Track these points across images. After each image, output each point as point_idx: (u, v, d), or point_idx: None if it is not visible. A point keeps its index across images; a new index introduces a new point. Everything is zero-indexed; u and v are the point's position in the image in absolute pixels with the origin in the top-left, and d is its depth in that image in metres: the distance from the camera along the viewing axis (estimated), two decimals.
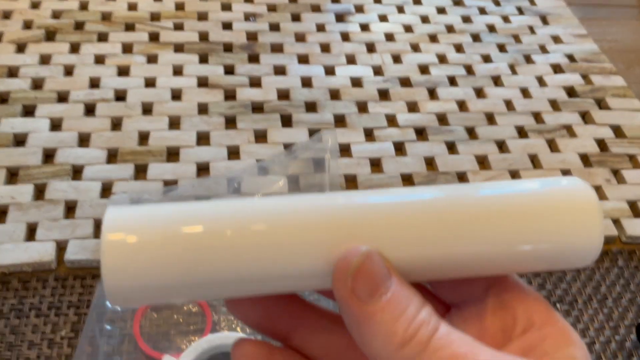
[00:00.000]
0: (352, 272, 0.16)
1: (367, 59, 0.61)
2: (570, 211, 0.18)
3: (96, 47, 0.58)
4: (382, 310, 0.16)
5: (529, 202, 0.18)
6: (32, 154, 0.48)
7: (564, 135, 0.56)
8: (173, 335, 0.39)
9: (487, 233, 0.18)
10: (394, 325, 0.16)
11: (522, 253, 0.18)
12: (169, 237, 0.17)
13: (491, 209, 0.18)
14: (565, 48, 0.66)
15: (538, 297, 0.19)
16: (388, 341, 0.16)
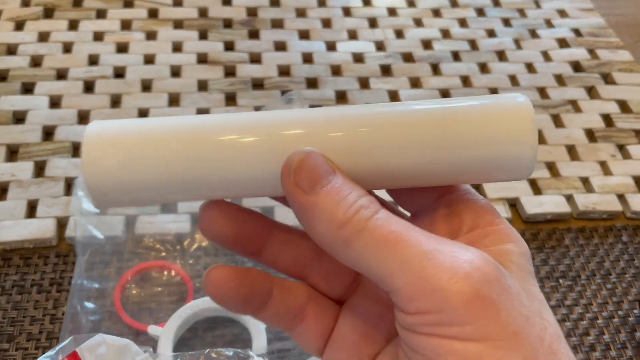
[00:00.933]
0: (294, 167, 0.18)
1: (369, 34, 0.60)
2: (504, 120, 0.19)
3: (95, 24, 0.58)
4: (324, 199, 0.18)
5: (467, 113, 0.19)
6: (32, 131, 0.48)
7: (569, 111, 0.55)
8: (156, 307, 0.39)
9: (423, 140, 0.19)
10: (334, 209, 0.18)
11: (458, 160, 0.19)
12: (143, 140, 0.19)
13: (428, 119, 0.19)
14: (571, 22, 0.65)
15: (485, 205, 0.20)
16: (329, 224, 0.18)
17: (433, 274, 0.17)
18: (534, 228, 0.46)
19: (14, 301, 0.39)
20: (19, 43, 0.55)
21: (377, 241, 0.17)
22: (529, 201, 0.47)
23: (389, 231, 0.17)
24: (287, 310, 0.22)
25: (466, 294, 0.16)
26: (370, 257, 0.17)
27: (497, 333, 0.16)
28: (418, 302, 0.17)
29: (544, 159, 0.50)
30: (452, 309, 0.16)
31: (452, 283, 0.16)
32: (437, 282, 0.16)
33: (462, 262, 0.17)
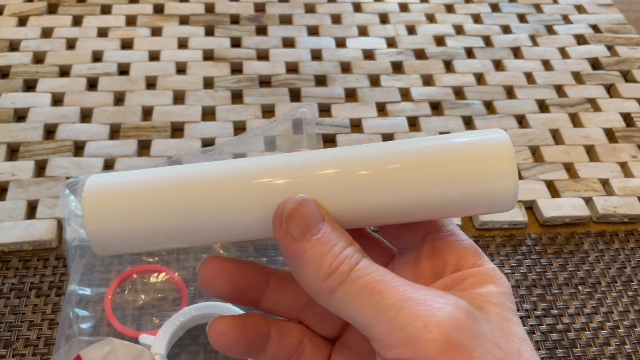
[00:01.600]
0: (286, 215, 0.19)
1: (380, 30, 0.58)
2: (486, 158, 0.20)
3: (99, 19, 0.57)
4: (312, 247, 0.19)
5: (450, 153, 0.20)
6: (33, 129, 0.47)
7: (587, 109, 0.53)
8: (149, 313, 0.37)
9: (409, 180, 0.20)
10: (321, 260, 0.19)
11: (442, 198, 0.20)
12: (138, 193, 0.20)
13: (412, 159, 0.20)
14: (589, 18, 0.63)
15: (469, 246, 0.21)
16: (316, 273, 0.19)
17: (408, 324, 0.17)
18: (552, 232, 0.45)
19: (12, 305, 0.38)
20: (22, 39, 0.54)
21: (357, 291, 0.18)
22: (547, 204, 0.45)
23: (367, 282, 0.18)
24: (285, 351, 0.23)
25: (439, 341, 0.17)
26: (351, 307, 0.18)
27: None
28: (396, 351, 0.17)
29: (561, 159, 0.48)
30: (427, 357, 0.17)
31: (425, 332, 0.17)
32: (412, 331, 0.17)
33: (435, 310, 0.17)
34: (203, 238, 0.21)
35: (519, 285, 0.41)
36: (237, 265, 0.22)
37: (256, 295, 0.23)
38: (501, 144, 0.20)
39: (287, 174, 0.20)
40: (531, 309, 0.40)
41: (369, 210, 0.20)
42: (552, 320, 0.40)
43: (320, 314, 0.23)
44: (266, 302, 0.23)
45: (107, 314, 0.37)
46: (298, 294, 0.23)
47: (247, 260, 0.23)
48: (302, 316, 0.24)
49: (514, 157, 0.20)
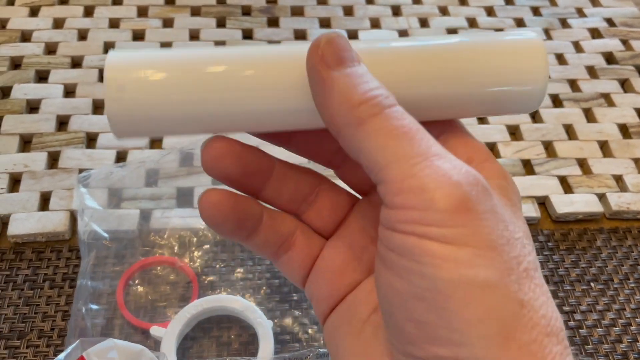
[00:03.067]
0: (325, 40, 0.18)
1: (392, 22, 0.58)
2: (517, 51, 0.20)
3: (110, 10, 0.56)
4: (345, 77, 0.18)
5: (484, 48, 0.20)
6: (46, 120, 0.47)
7: (601, 105, 0.52)
8: (160, 306, 0.38)
9: (442, 74, 0.20)
10: (354, 88, 0.18)
11: (473, 93, 0.20)
12: (166, 66, 0.19)
13: (444, 52, 0.20)
14: (604, 11, 0.62)
15: (481, 145, 0.21)
16: (347, 99, 0.18)
17: (427, 174, 0.17)
18: (564, 228, 0.44)
19: (26, 296, 0.38)
20: (34, 29, 0.54)
21: (387, 129, 0.17)
22: (560, 200, 0.45)
23: (401, 124, 0.18)
24: (276, 237, 0.22)
25: (453, 198, 0.17)
26: (374, 142, 0.17)
27: (476, 243, 0.17)
28: (404, 196, 0.17)
29: (574, 155, 0.48)
30: (436, 209, 0.17)
31: (442, 185, 0.17)
32: (429, 182, 0.17)
33: (458, 171, 0.17)
34: (229, 123, 0.20)
35: None
36: (244, 148, 0.21)
37: (260, 183, 0.22)
38: (533, 41, 0.20)
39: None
40: None
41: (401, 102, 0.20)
42: (564, 317, 0.40)
43: (320, 206, 0.23)
44: (269, 191, 0.22)
45: (120, 306, 0.37)
46: (299, 185, 0.23)
47: (253, 145, 0.22)
48: (301, 210, 0.23)
49: (546, 53, 0.20)
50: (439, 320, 0.16)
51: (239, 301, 0.36)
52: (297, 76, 0.19)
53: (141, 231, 0.40)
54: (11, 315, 0.37)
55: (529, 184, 0.45)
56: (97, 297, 0.37)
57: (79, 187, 0.40)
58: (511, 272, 0.17)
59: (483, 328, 0.16)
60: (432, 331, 0.17)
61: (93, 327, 0.36)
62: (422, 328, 0.17)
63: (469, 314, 0.16)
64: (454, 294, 0.16)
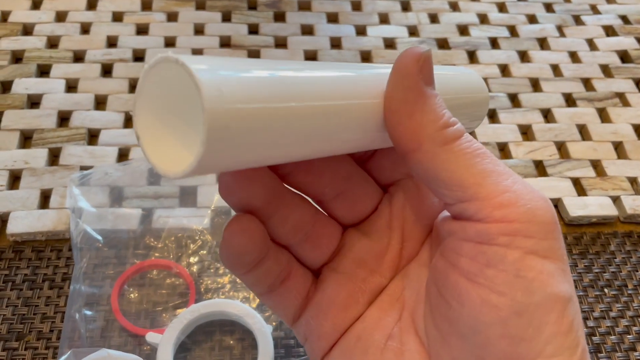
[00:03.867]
0: (425, 57, 0.19)
1: (401, 18, 0.57)
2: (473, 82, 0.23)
3: (114, 3, 0.55)
4: (436, 97, 0.19)
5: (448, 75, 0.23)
6: (47, 116, 0.46)
7: (616, 104, 0.51)
8: (157, 310, 0.37)
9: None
10: (443, 110, 0.19)
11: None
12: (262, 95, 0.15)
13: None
14: (618, 8, 0.60)
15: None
16: (437, 118, 0.18)
17: (520, 189, 0.18)
18: (577, 232, 0.43)
19: (25, 297, 0.37)
20: (35, 23, 0.53)
21: (471, 149, 0.18)
22: (573, 202, 0.43)
23: (478, 147, 0.18)
24: (277, 268, 0.21)
25: (549, 212, 0.18)
26: (462, 161, 0.18)
27: (561, 257, 0.18)
28: (506, 210, 0.17)
29: (588, 156, 0.47)
30: (537, 222, 0.17)
31: (537, 199, 0.18)
32: (525, 196, 0.18)
33: (538, 192, 0.18)
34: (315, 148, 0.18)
35: None
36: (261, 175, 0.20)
37: (270, 209, 0.21)
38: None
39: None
40: None
41: None
42: None
43: (313, 239, 0.22)
44: (278, 218, 0.21)
45: (114, 312, 0.36)
46: (304, 214, 0.21)
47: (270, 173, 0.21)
48: (296, 242, 0.22)
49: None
50: (538, 334, 0.17)
51: (236, 306, 0.35)
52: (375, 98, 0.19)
53: (139, 233, 0.39)
54: (10, 315, 0.36)
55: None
56: (92, 302, 0.36)
57: (73, 188, 0.39)
58: (573, 285, 0.18)
59: (568, 340, 0.17)
60: (527, 346, 0.17)
61: (88, 333, 0.35)
62: (517, 344, 0.17)
63: (561, 327, 0.17)
64: (554, 307, 0.17)
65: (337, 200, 0.22)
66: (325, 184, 0.22)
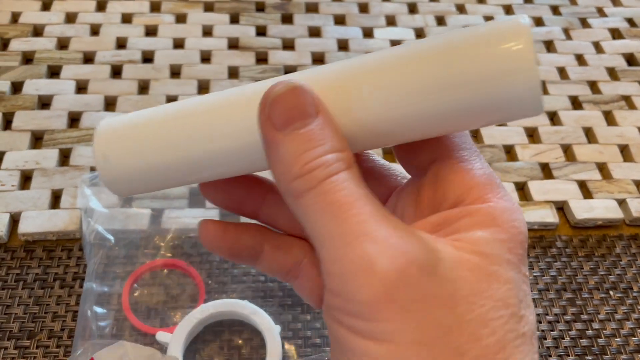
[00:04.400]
0: (272, 98, 0.17)
1: (408, 20, 0.57)
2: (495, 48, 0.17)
3: (123, 5, 0.56)
4: (291, 141, 0.17)
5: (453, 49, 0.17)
6: (57, 117, 0.46)
7: (622, 107, 0.51)
8: (166, 310, 0.37)
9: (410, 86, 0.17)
10: (296, 157, 0.16)
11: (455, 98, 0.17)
12: (138, 129, 0.20)
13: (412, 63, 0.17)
14: (625, 11, 0.60)
15: (480, 176, 0.18)
16: (287, 170, 0.17)
17: (351, 259, 0.15)
18: (583, 234, 0.43)
19: (36, 296, 0.38)
20: (46, 24, 0.53)
21: (321, 205, 0.16)
22: (579, 205, 0.44)
23: (334, 199, 0.16)
24: (279, 267, 0.22)
25: (373, 289, 0.15)
26: (311, 218, 0.16)
27: (399, 339, 0.15)
28: (331, 281, 0.16)
29: (594, 159, 0.47)
30: (356, 301, 0.15)
31: (367, 275, 0.15)
32: (351, 268, 0.15)
33: (385, 254, 0.15)
34: (202, 171, 0.20)
35: (548, 289, 0.40)
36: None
37: (253, 207, 0.22)
38: (517, 30, 0.17)
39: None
40: (560, 314, 0.39)
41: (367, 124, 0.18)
42: (581, 325, 0.39)
43: None
44: (265, 215, 0.22)
45: (125, 311, 0.36)
46: None
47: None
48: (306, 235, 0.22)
49: (532, 44, 0.16)
50: None
51: (245, 306, 0.36)
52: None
53: (149, 232, 0.40)
54: (21, 314, 0.37)
55: (547, 189, 0.44)
56: (104, 300, 0.37)
57: (84, 188, 0.40)
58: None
59: None
60: None
61: (98, 331, 0.35)
62: None
63: None
64: None
65: None
66: None
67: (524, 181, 0.45)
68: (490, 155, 0.46)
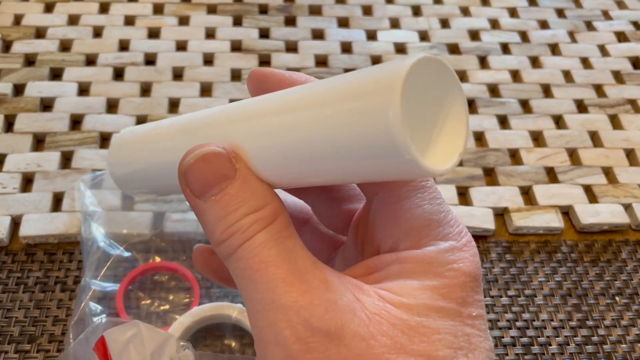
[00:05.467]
0: (184, 169, 0.17)
1: (412, 22, 0.57)
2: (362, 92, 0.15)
3: (126, 7, 0.56)
4: (210, 209, 0.17)
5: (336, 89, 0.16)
6: (59, 119, 0.46)
7: (628, 111, 0.51)
8: (161, 312, 0.37)
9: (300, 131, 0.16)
10: (216, 223, 0.17)
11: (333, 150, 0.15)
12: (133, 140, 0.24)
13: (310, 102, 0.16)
14: (630, 14, 0.60)
15: (421, 215, 0.17)
16: (210, 236, 0.17)
17: (262, 326, 0.16)
18: (588, 239, 0.43)
19: (37, 299, 0.37)
20: (48, 26, 0.53)
21: (240, 271, 0.17)
22: (584, 210, 0.43)
23: (248, 265, 0.16)
24: None
25: (277, 356, 0.16)
26: (237, 281, 0.17)
27: None
28: (255, 344, 0.17)
29: (600, 163, 0.46)
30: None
31: (273, 344, 0.16)
32: (264, 337, 0.16)
33: (292, 324, 0.15)
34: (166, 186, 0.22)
35: (553, 294, 0.40)
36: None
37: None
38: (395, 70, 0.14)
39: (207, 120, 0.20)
40: (566, 319, 0.39)
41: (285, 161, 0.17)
42: (587, 331, 0.38)
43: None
44: None
45: (119, 311, 0.36)
46: None
47: None
48: None
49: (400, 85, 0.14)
50: None
51: (239, 309, 0.35)
52: None
53: (149, 235, 0.39)
54: (22, 318, 0.36)
55: (552, 193, 0.44)
56: (98, 300, 0.37)
57: (82, 189, 0.40)
58: None
59: None
60: None
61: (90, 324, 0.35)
62: None
63: None
64: None
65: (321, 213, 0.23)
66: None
67: (529, 185, 0.44)
68: (495, 159, 0.46)
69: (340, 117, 0.15)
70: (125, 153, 0.23)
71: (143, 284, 0.38)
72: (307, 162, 0.16)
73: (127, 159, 0.23)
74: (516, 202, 0.43)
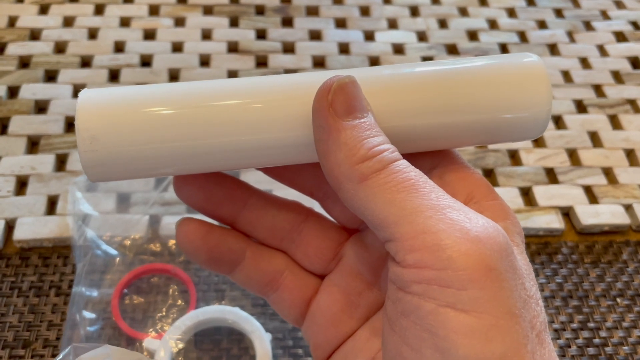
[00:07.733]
0: (336, 87, 0.17)
1: (410, 23, 0.56)
2: (517, 76, 0.20)
3: (121, 8, 0.55)
4: (353, 128, 0.17)
5: (480, 73, 0.20)
6: (54, 121, 0.46)
7: (627, 111, 0.50)
8: (156, 316, 0.36)
9: (437, 102, 0.19)
10: (360, 142, 0.17)
11: (473, 118, 0.20)
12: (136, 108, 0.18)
13: (441, 81, 0.19)
14: (628, 14, 0.60)
15: (480, 179, 0.20)
16: (351, 154, 0.17)
17: (442, 229, 0.15)
18: (589, 240, 0.43)
19: (31, 304, 0.37)
20: (43, 28, 0.53)
21: (393, 183, 0.16)
22: (584, 210, 0.43)
23: (407, 177, 0.17)
24: (259, 276, 0.22)
25: (473, 258, 0.15)
26: (379, 199, 0.16)
27: (495, 310, 0.15)
28: (419, 254, 0.15)
29: (599, 164, 0.46)
30: (454, 269, 0.15)
31: (460, 243, 0.15)
32: (445, 238, 0.15)
33: (475, 225, 0.16)
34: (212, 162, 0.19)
35: (554, 296, 0.40)
36: (211, 176, 0.21)
37: (232, 212, 0.21)
38: (534, 65, 0.20)
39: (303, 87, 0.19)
40: (567, 321, 0.38)
41: (396, 132, 0.19)
42: (588, 333, 0.38)
43: (304, 245, 0.22)
44: (243, 222, 0.22)
45: (114, 316, 0.36)
46: (278, 220, 0.22)
47: (224, 172, 0.21)
48: (285, 246, 0.22)
49: (548, 77, 0.20)
50: None
51: (235, 313, 0.35)
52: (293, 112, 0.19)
53: (144, 239, 0.39)
54: (16, 323, 0.36)
55: (552, 194, 0.44)
56: (92, 305, 0.36)
57: (74, 191, 0.39)
58: (527, 342, 0.15)
59: None
60: None
61: (88, 335, 0.34)
62: None
63: None
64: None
65: (330, 203, 0.22)
66: (311, 182, 0.22)
67: (528, 186, 0.44)
68: (494, 160, 0.46)
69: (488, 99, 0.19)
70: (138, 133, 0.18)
71: (139, 288, 0.37)
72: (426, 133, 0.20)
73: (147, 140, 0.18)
74: (516, 203, 0.43)
